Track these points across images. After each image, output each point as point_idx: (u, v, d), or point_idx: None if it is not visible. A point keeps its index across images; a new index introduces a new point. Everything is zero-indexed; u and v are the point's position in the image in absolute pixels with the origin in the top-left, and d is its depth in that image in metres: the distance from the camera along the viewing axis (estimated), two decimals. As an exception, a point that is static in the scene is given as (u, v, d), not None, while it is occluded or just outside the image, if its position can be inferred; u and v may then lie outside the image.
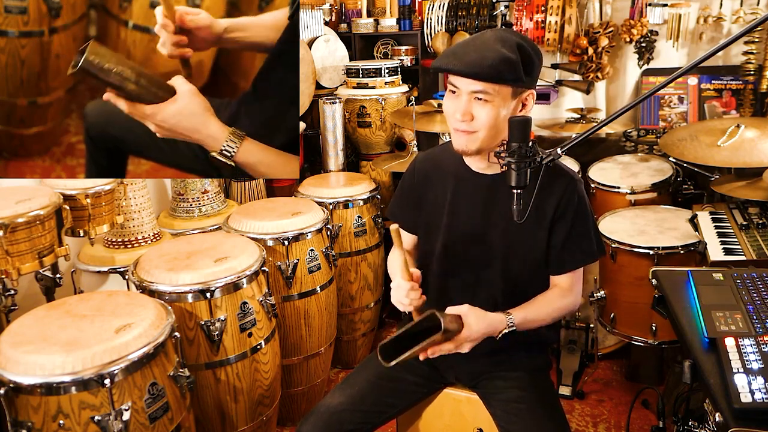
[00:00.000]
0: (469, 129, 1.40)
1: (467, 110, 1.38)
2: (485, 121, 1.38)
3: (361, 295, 2.78)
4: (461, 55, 1.36)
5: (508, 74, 1.33)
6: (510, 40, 1.34)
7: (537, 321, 1.45)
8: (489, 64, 1.32)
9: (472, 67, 1.33)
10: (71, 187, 1.94)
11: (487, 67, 1.32)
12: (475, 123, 1.39)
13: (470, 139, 1.41)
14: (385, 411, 1.54)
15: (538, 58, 1.40)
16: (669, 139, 2.46)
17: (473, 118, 1.38)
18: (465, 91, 1.38)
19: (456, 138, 1.44)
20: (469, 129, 1.40)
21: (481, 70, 1.33)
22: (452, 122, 1.42)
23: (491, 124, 1.38)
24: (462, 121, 1.39)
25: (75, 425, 1.36)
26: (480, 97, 1.36)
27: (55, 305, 1.62)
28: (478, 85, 1.35)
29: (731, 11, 2.87)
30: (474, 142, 1.41)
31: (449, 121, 1.44)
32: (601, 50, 2.99)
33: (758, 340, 1.12)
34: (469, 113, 1.38)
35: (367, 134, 3.19)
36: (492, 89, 1.35)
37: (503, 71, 1.32)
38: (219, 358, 1.85)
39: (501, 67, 1.32)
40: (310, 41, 3.30)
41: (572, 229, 1.48)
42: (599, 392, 2.57)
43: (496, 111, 1.37)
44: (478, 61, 1.33)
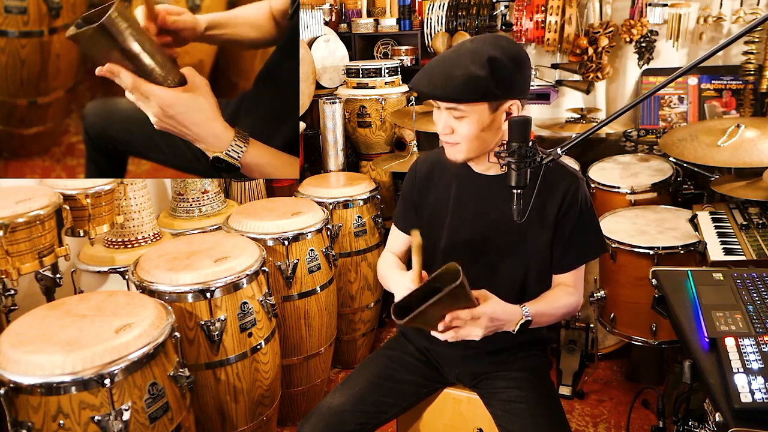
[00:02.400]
0: (451, 141, 1.44)
1: (446, 124, 1.42)
2: (465, 135, 1.41)
3: (361, 295, 2.78)
4: (430, 74, 1.39)
5: (474, 93, 1.34)
6: (482, 54, 1.33)
7: (547, 316, 1.46)
8: (453, 85, 1.34)
9: (437, 89, 1.37)
10: (71, 187, 1.94)
11: (450, 89, 1.34)
12: (455, 136, 1.43)
13: (455, 150, 1.46)
14: (385, 411, 1.54)
15: (518, 67, 1.37)
16: (669, 139, 2.46)
17: (453, 131, 1.42)
18: (442, 107, 1.42)
19: (445, 148, 1.50)
20: (451, 141, 1.44)
21: (444, 92, 1.36)
22: (439, 134, 1.47)
23: (471, 137, 1.41)
24: (444, 134, 1.44)
25: (75, 425, 1.36)
26: (455, 115, 1.39)
27: (55, 305, 1.62)
28: (448, 104, 1.38)
29: (731, 11, 2.87)
30: (459, 152, 1.45)
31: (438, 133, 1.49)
32: (601, 50, 2.99)
33: (758, 340, 1.12)
34: (449, 127, 1.42)
35: (367, 134, 3.19)
36: (463, 107, 1.37)
37: (467, 91, 1.34)
38: (219, 358, 1.85)
39: (466, 87, 1.33)
40: (310, 41, 3.30)
41: (576, 228, 1.48)
42: (599, 392, 2.57)
43: (473, 125, 1.39)
44: (443, 81, 1.35)
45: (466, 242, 1.53)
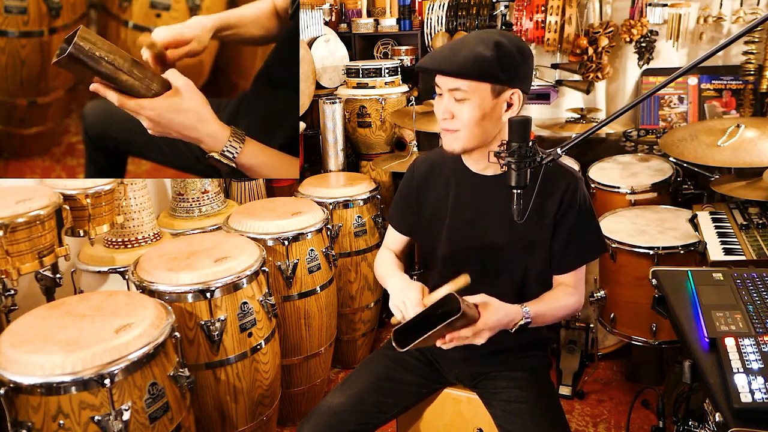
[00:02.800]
0: (450, 127, 1.43)
1: (447, 108, 1.41)
2: (465, 120, 1.39)
3: (361, 295, 2.78)
4: (437, 54, 1.39)
5: (479, 71, 1.34)
6: (489, 39, 1.35)
7: (548, 316, 1.45)
8: (459, 62, 1.34)
9: (442, 63, 1.36)
10: (71, 187, 1.94)
11: (456, 65, 1.34)
12: (456, 122, 1.41)
13: (454, 138, 1.44)
14: (385, 411, 1.54)
15: (522, 57, 1.39)
16: (669, 139, 2.46)
17: (453, 116, 1.41)
18: (444, 90, 1.41)
19: (443, 137, 1.48)
20: (450, 127, 1.43)
21: (449, 66, 1.35)
22: (439, 123, 1.46)
23: (472, 123, 1.39)
24: (444, 119, 1.42)
25: (75, 425, 1.36)
26: (457, 96, 1.38)
27: (55, 305, 1.62)
28: (452, 83, 1.37)
29: (731, 11, 2.87)
30: (458, 141, 1.44)
31: (438, 122, 1.47)
32: (601, 50, 2.99)
33: (758, 340, 1.12)
34: (449, 111, 1.41)
35: (367, 134, 3.19)
36: (466, 86, 1.36)
37: (473, 68, 1.34)
38: (219, 358, 1.85)
39: (471, 64, 1.33)
40: (310, 41, 3.30)
41: (575, 228, 1.48)
42: (599, 392, 2.57)
43: (475, 110, 1.38)
44: (449, 57, 1.36)
45: (466, 243, 1.53)
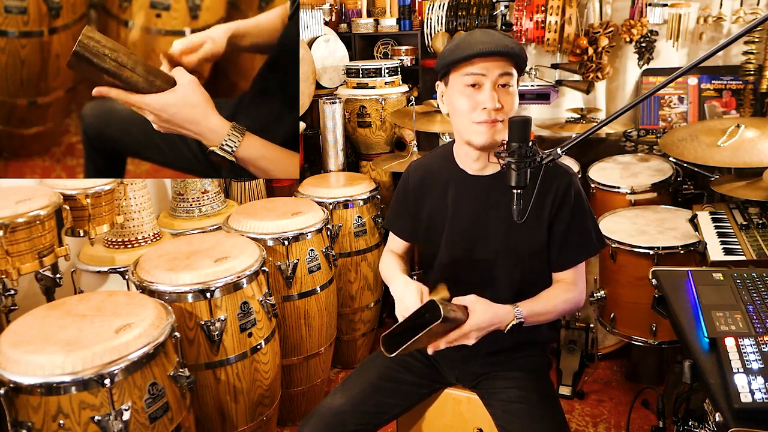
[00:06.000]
0: (497, 118, 1.37)
1: (497, 98, 1.36)
2: (510, 109, 1.37)
3: (361, 295, 2.78)
4: (476, 42, 1.34)
5: (524, 56, 1.38)
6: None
7: (544, 314, 1.45)
8: (511, 45, 1.34)
9: (496, 47, 1.33)
10: (71, 187, 1.94)
11: (514, 46, 1.35)
12: (501, 112, 1.37)
13: (496, 130, 1.39)
14: (385, 411, 1.54)
15: None
16: (669, 139, 2.46)
17: (503, 106, 1.37)
18: (491, 79, 1.36)
19: (479, 133, 1.40)
20: (497, 118, 1.37)
21: (508, 49, 1.34)
22: (475, 116, 1.39)
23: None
24: (493, 110, 1.36)
25: (75, 425, 1.36)
26: (504, 83, 1.36)
27: (55, 305, 1.62)
28: (505, 68, 1.35)
29: (731, 11, 2.87)
30: (499, 132, 1.39)
31: (468, 117, 1.40)
32: (601, 50, 2.99)
33: (758, 340, 1.12)
34: (499, 101, 1.36)
35: (367, 134, 3.19)
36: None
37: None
38: (219, 358, 1.85)
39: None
40: (310, 41, 3.30)
41: (571, 224, 1.48)
42: (599, 392, 2.57)
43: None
44: (501, 41, 1.34)
45: (465, 246, 1.53)
